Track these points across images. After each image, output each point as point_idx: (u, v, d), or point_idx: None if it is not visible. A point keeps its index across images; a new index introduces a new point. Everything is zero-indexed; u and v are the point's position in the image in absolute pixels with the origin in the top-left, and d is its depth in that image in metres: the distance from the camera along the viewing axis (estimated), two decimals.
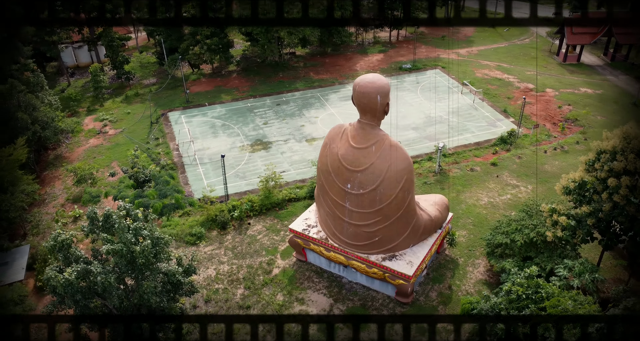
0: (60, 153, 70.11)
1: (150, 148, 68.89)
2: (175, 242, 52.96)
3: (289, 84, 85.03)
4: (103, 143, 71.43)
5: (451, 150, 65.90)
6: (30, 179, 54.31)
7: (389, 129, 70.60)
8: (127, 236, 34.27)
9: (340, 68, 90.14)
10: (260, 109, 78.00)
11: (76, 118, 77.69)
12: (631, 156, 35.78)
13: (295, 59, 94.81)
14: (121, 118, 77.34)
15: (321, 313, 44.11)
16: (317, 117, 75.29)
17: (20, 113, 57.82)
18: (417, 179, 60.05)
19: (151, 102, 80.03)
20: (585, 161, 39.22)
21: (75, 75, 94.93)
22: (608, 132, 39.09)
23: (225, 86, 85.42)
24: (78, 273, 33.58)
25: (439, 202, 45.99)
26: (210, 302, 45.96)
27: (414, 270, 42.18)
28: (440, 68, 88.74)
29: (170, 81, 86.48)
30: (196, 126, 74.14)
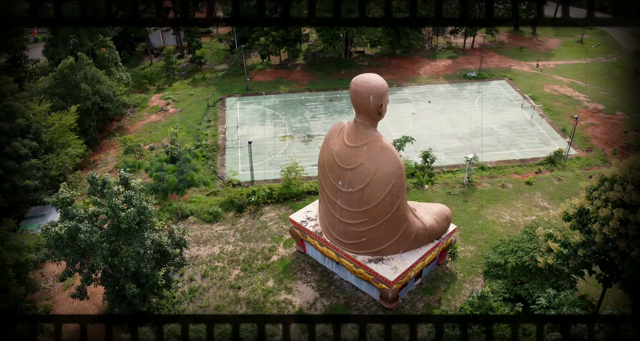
0: (122, 125, 76.31)
1: (201, 129, 72.92)
2: (192, 217, 56.17)
3: (348, 81, 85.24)
4: (162, 120, 76.63)
5: (491, 164, 63.32)
6: (80, 144, 59.95)
7: (434, 134, 69.60)
8: (114, 201, 37.26)
9: (403, 71, 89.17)
10: (312, 103, 79.49)
11: (145, 94, 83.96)
12: (629, 187, 32.82)
13: (362, 57, 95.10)
14: (184, 99, 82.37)
15: (304, 305, 44.88)
16: None
17: (84, 84, 63.80)
18: (442, 189, 58.57)
19: (211, 86, 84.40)
20: (586, 187, 36.44)
21: (159, 56, 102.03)
22: (617, 160, 36.00)
23: (286, 78, 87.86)
24: (68, 229, 37.07)
25: (438, 212, 44.76)
26: (207, 278, 48.35)
27: (396, 276, 41.61)
28: (508, 79, 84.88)
29: (237, 68, 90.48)
30: (247, 113, 77.23)
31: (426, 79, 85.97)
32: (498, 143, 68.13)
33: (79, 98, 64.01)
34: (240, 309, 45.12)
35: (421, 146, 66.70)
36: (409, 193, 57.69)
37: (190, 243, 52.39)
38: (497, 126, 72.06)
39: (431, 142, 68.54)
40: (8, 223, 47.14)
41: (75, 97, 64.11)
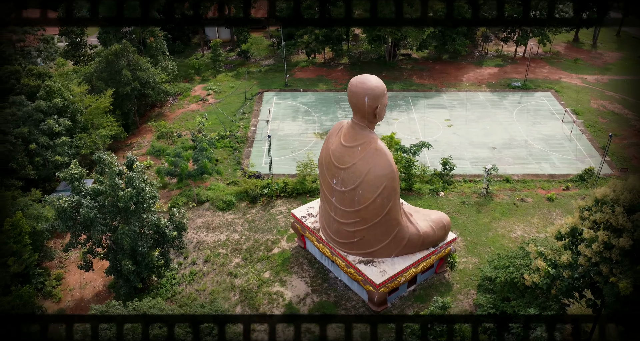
0: (163, 111, 79.79)
1: (234, 120, 75.07)
2: (208, 204, 58.12)
3: (387, 83, 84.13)
4: (200, 109, 79.46)
5: (518, 177, 61.27)
6: (115, 125, 63.43)
7: (464, 142, 68.05)
8: (115, 181, 39.48)
9: (445, 76, 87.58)
10: (347, 102, 79.71)
11: (189, 84, 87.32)
12: (619, 210, 31.10)
13: (407, 60, 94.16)
14: (224, 91, 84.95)
15: (294, 299, 45.56)
16: (396, 119, 74.83)
17: (125, 70, 67.37)
18: (458, 197, 57.38)
19: (252, 80, 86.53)
20: (579, 207, 34.78)
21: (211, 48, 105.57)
22: (616, 181, 34.12)
23: (327, 76, 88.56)
24: (71, 203, 39.72)
25: (435, 219, 44.04)
26: (208, 263, 50.05)
27: (383, 280, 41.45)
28: (554, 92, 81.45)
29: (281, 64, 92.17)
30: (282, 108, 78.63)
31: (468, 85, 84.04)
32: (529, 156, 65.75)
33: (119, 83, 67.63)
34: (233, 296, 46.43)
35: (447, 153, 65.58)
36: (422, 199, 57.03)
37: (199, 229, 54.47)
38: (532, 139, 69.46)
39: (459, 149, 67.15)
40: (34, 194, 50.78)
41: (117, 81, 67.77)
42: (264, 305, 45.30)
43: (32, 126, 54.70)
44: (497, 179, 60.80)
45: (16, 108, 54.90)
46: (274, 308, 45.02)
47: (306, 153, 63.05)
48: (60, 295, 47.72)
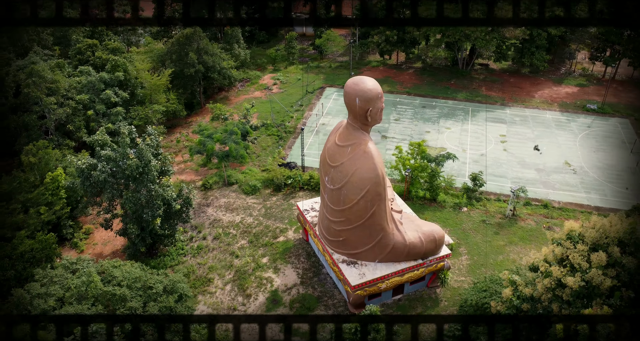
0: (228, 95, 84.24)
1: (289, 111, 77.46)
2: (236, 186, 60.98)
3: (452, 91, 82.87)
4: (262, 97, 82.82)
5: (558, 204, 57.44)
6: (175, 103, 68.44)
7: (512, 160, 64.73)
8: (126, 150, 43.25)
9: (517, 90, 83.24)
10: (404, 106, 78.91)
11: (260, 72, 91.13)
12: (581, 247, 28.78)
13: (482, 70, 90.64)
14: (290, 82, 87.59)
15: (281, 287, 46.96)
16: (448, 128, 72.84)
17: (191, 53, 72.18)
18: (480, 215, 55.11)
19: (320, 74, 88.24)
20: (552, 239, 32.48)
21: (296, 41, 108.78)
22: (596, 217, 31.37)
23: (393, 78, 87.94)
24: (88, 165, 44.15)
25: (427, 231, 42.94)
26: (216, 240, 52.90)
27: (360, 282, 41.47)
28: (633, 119, 74.37)
29: (353, 63, 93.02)
30: (338, 104, 79.64)
31: (538, 103, 79.30)
32: (580, 183, 61.13)
33: (186, 64, 72.62)
34: (228, 274, 48.84)
35: (491, 170, 63.05)
36: (442, 211, 55.53)
37: (220, 208, 57.51)
38: (589, 166, 64.35)
39: (504, 167, 64.11)
40: (80, 156, 56.61)
41: (184, 63, 72.82)
42: (252, 288, 47.17)
43: (93, 94, 60.77)
44: (535, 203, 57.44)
45: (84, 78, 61.26)
46: (260, 292, 46.72)
47: None
48: (84, 247, 53.08)
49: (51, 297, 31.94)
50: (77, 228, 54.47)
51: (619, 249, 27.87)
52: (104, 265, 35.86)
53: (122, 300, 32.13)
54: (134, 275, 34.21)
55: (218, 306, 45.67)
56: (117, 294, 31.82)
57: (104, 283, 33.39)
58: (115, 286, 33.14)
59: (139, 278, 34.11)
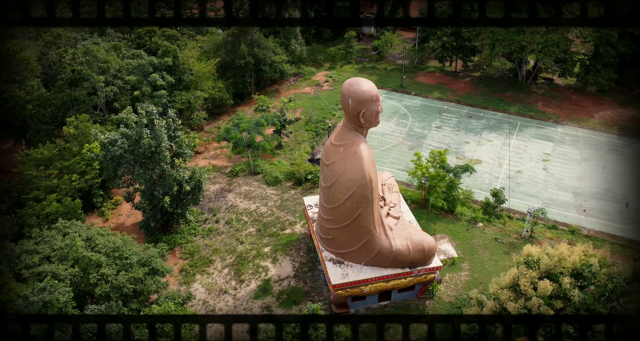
0: (279, 88, 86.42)
1: (334, 109, 78.22)
2: (260, 175, 62.75)
3: (505, 104, 79.64)
4: (311, 93, 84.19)
5: (588, 231, 54.05)
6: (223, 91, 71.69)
7: (549, 181, 61.46)
8: (142, 129, 46.16)
9: (576, 109, 78.42)
10: (449, 114, 77.05)
11: (315, 69, 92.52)
12: (533, 274, 27.36)
13: (544, 85, 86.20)
14: (342, 81, 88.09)
15: (274, 277, 48.13)
16: (490, 141, 70.31)
17: (243, 45, 74.92)
18: (494, 232, 53.06)
19: (373, 75, 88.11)
20: (517, 261, 30.97)
21: (361, 41, 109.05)
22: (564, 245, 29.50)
23: (447, 85, 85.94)
24: (110, 140, 47.59)
25: (416, 240, 42.14)
26: (228, 225, 55.03)
27: (340, 282, 41.72)
28: None
29: (409, 67, 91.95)
30: (384, 107, 78.60)
31: (595, 123, 74.34)
32: (619, 213, 56.99)
33: (237, 55, 75.51)
34: (229, 258, 50.76)
35: (524, 188, 60.48)
36: (456, 224, 54.09)
37: (239, 195, 59.58)
38: (637, 195, 59.72)
39: (538, 186, 61.07)
40: (103, 129, 60.43)
41: (235, 54, 75.76)
42: (247, 274, 48.73)
43: (142, 76, 64.95)
44: (562, 227, 54.43)
45: (135, 61, 65.65)
46: (254, 279, 48.16)
47: (381, 152, 63.91)
48: (109, 216, 57.18)
49: (38, 254, 35.20)
50: (107, 198, 58.68)
51: (572, 281, 26.24)
52: (91, 232, 38.81)
53: (97, 265, 34.72)
54: (114, 245, 36.78)
55: (211, 287, 47.67)
56: (93, 260, 34.46)
57: (86, 248, 36.22)
58: (95, 252, 35.86)
59: (117, 248, 36.64)
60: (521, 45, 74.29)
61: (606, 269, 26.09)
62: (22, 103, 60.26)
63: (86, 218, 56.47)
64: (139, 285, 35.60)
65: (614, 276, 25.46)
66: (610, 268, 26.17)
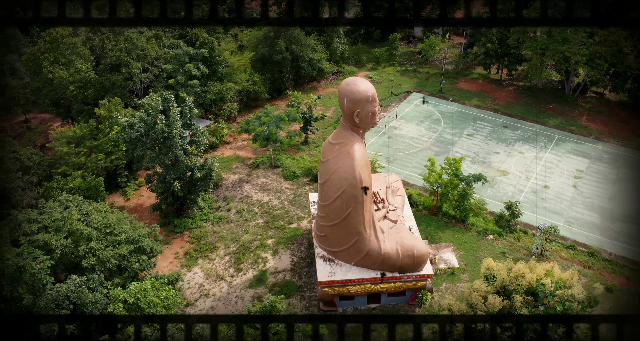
0: (317, 85, 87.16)
1: None
2: (280, 169, 63.74)
3: (546, 116, 76.48)
4: (333, 91, 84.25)
5: (609, 255, 51.29)
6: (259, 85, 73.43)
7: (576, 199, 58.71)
8: (157, 114, 48.17)
9: (622, 126, 74.07)
10: (484, 123, 74.96)
11: (356, 68, 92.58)
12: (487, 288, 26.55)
13: (593, 100, 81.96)
14: (382, 82, 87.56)
15: (271, 269, 48.97)
16: (521, 153, 67.87)
17: (281, 40, 76.18)
18: (503, 246, 51.40)
19: (414, 78, 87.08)
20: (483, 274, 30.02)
21: (411, 44, 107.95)
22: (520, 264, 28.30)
23: (488, 93, 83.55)
24: (129, 123, 49.97)
25: (407, 246, 41.55)
26: (239, 215, 56.43)
27: (327, 280, 41.94)
28: None
29: (452, 72, 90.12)
30: (417, 110, 78.26)
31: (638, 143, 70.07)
32: None
33: (274, 50, 76.90)
34: (232, 246, 52.09)
35: (549, 204, 58.20)
36: (465, 234, 52.79)
37: (256, 186, 60.85)
38: None
39: (564, 204, 58.45)
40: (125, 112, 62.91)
41: (273, 49, 77.16)
42: (247, 263, 49.85)
43: (177, 65, 67.54)
44: (582, 248, 51.99)
45: (173, 50, 68.34)
46: (251, 269, 49.21)
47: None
48: (131, 196, 60.01)
49: (38, 224, 37.71)
50: (131, 179, 61.56)
51: (527, 298, 25.25)
52: (90, 208, 41.04)
53: (88, 239, 36.79)
54: (107, 221, 38.77)
55: (210, 272, 49.14)
56: (84, 233, 36.54)
57: (81, 222, 38.43)
58: (88, 227, 37.99)
59: (109, 225, 38.60)
60: (565, 56, 71.09)
61: (561, 291, 24.84)
62: (65, 84, 64.17)
63: (109, 196, 59.65)
64: (123, 261, 37.42)
65: (566, 299, 24.18)
66: (565, 290, 24.87)
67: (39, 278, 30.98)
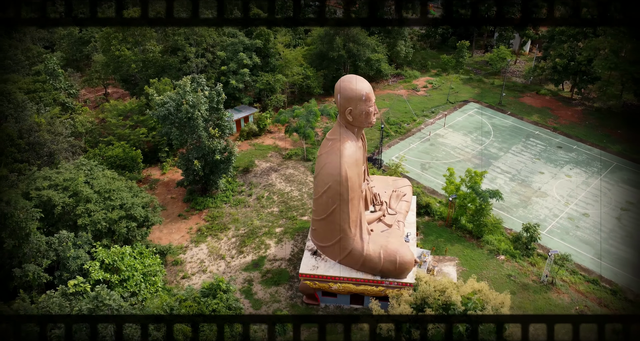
0: (375, 86, 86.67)
1: (418, 114, 76.87)
2: (310, 163, 64.70)
3: (610, 141, 70.68)
4: (402, 95, 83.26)
5: (633, 295, 47.04)
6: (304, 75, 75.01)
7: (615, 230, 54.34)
8: (184, 95, 50.96)
9: None
10: (537, 141, 70.86)
11: (419, 73, 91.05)
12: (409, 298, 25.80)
13: None
14: (441, 89, 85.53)
15: (269, 256, 50.25)
16: (568, 177, 63.53)
17: (338, 38, 76.91)
18: (512, 269, 48.76)
19: (476, 88, 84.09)
20: None
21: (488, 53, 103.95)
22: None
23: (552, 111, 78.67)
24: (163, 101, 53.30)
25: (390, 250, 40.79)
26: (257, 200, 58.36)
27: (307, 273, 42.51)
28: None
29: (516, 84, 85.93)
30: (469, 120, 75.71)
31: None
32: None
33: (331, 47, 77.81)
34: (242, 230, 53.97)
35: (582, 232, 54.47)
36: (475, 250, 50.71)
37: (282, 176, 62.37)
38: None
39: (598, 235, 54.16)
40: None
41: (330, 46, 78.10)
42: (249, 247, 51.51)
43: (232, 53, 70.58)
44: (605, 285, 48.13)
45: (230, 40, 71.54)
46: (252, 253, 50.79)
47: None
48: (167, 171, 63.80)
49: (50, 181, 41.59)
50: (171, 154, 65.40)
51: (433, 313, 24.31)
52: (99, 173, 44.43)
53: (87, 200, 40.04)
54: (110, 187, 41.88)
55: (213, 250, 51.35)
56: (84, 194, 39.80)
57: (86, 184, 41.84)
58: (91, 189, 41.32)
59: (110, 190, 41.65)
60: (634, 78, 65.34)
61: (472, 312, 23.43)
62: (128, 62, 69.41)
63: (147, 168, 63.84)
64: (114, 225, 40.29)
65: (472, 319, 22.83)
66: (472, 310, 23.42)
67: (21, 227, 34.54)
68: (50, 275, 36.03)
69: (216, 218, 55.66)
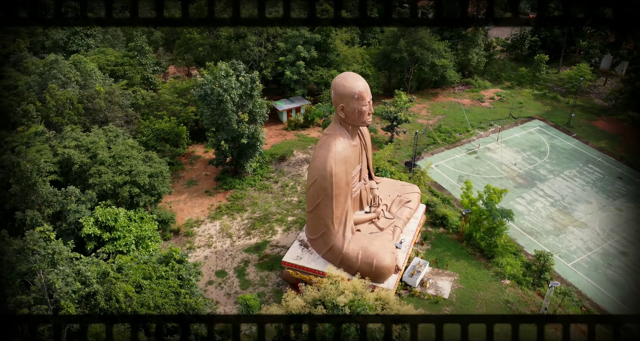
0: (439, 92, 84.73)
1: (474, 125, 74.17)
2: None
3: None
4: (466, 105, 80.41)
5: None
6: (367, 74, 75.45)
7: None
8: (219, 79, 53.66)
9: None
10: (595, 168, 65.38)
11: (490, 83, 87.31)
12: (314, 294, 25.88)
13: None
14: (508, 102, 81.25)
15: (272, 242, 51.83)
16: (619, 210, 58.12)
17: (402, 40, 76.00)
18: (513, 296, 45.96)
19: (547, 106, 79.17)
20: None
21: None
22: None
23: (625, 138, 71.75)
24: (202, 82, 56.42)
25: (369, 252, 40.32)
26: (280, 189, 60.07)
27: (288, 262, 43.51)
28: None
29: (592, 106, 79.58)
30: (528, 138, 71.69)
31: None
32: None
33: (395, 48, 77.18)
34: (257, 213, 55.94)
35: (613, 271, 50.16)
36: (481, 270, 48.53)
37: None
38: None
39: (630, 277, 49.42)
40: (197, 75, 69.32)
41: (394, 47, 77.48)
42: (257, 231, 53.43)
43: (291, 45, 72.58)
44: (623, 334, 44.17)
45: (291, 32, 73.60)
46: (258, 237, 52.68)
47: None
48: (209, 149, 67.35)
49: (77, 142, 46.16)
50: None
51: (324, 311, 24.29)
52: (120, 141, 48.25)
53: (101, 163, 43.94)
54: (124, 154, 45.45)
55: (224, 228, 53.83)
56: (100, 157, 43.68)
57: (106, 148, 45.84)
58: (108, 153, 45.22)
59: (122, 156, 45.20)
60: None
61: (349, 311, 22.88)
62: (196, 45, 73.93)
63: (193, 145, 67.88)
64: (118, 188, 43.71)
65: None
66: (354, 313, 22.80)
67: (26, 176, 38.81)
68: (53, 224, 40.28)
69: (238, 199, 58.09)
